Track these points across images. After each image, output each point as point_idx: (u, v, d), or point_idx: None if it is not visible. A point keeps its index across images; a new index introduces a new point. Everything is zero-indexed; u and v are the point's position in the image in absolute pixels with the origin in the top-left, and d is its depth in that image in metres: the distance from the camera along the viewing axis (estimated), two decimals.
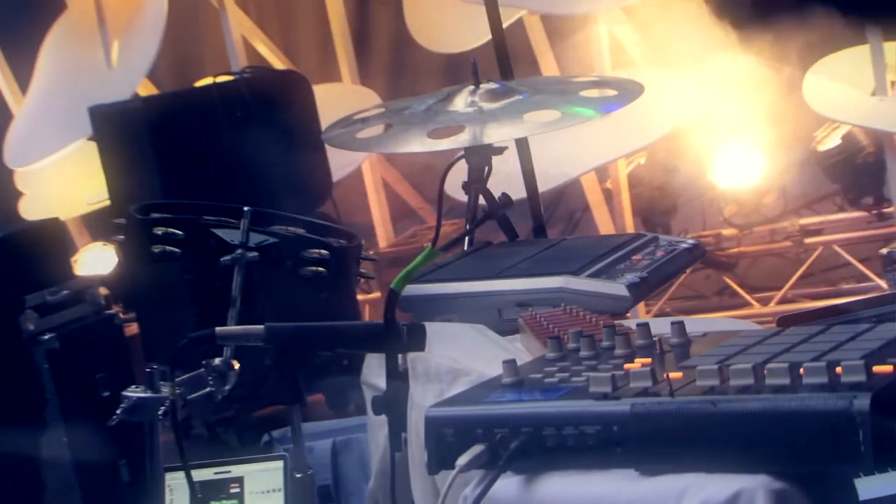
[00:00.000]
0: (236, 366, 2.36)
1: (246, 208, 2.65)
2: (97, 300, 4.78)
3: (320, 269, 2.63)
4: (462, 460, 1.73)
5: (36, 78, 6.40)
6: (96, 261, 5.77)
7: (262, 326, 2.19)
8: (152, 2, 6.17)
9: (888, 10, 4.48)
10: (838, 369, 1.62)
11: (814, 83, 5.05)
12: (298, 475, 2.53)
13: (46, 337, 4.45)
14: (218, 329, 2.24)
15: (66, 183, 6.25)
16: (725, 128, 5.36)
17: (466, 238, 3.10)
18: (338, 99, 5.80)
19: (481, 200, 3.28)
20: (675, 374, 1.72)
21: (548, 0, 5.61)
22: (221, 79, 5.05)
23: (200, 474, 3.52)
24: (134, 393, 2.34)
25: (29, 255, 4.58)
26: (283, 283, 2.71)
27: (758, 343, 1.81)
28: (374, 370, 2.36)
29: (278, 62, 6.36)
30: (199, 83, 5.28)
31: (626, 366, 1.77)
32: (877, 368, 1.62)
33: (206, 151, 4.91)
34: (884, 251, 4.57)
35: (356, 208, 6.22)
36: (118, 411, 2.35)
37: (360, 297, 5.35)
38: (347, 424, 4.46)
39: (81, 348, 4.54)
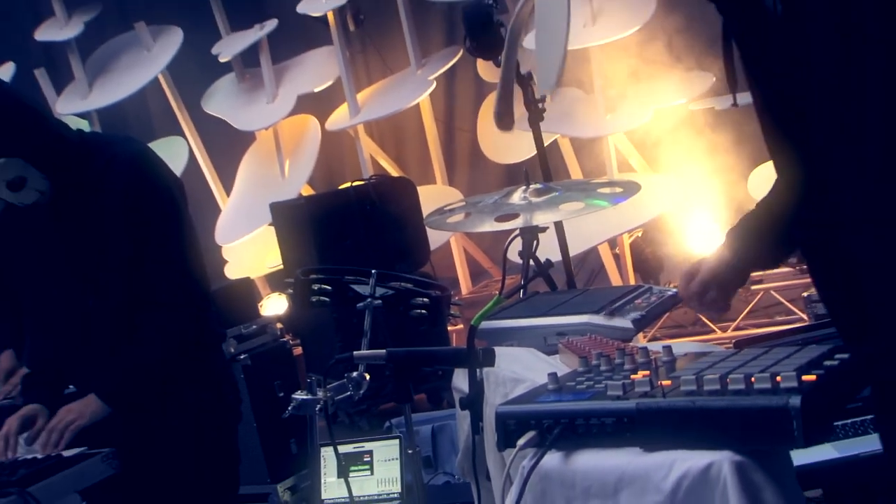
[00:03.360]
0: (367, 377, 2.35)
1: (373, 271, 2.65)
2: (275, 332, 4.82)
3: (423, 311, 2.61)
4: (521, 441, 1.71)
5: (236, 185, 6.52)
6: (274, 306, 5.81)
7: (384, 350, 2.18)
8: (311, 134, 6.27)
9: None
10: (778, 378, 1.59)
11: (754, 179, 5.01)
12: (410, 451, 2.51)
13: (242, 357, 4.49)
14: (355, 353, 2.23)
15: (255, 254, 6.33)
16: (695, 211, 5.33)
17: (522, 289, 3.09)
18: (433, 195, 5.83)
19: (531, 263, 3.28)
20: (666, 382, 1.69)
21: (574, 127, 5.60)
22: (356, 183, 5.09)
23: (344, 448, 3.53)
24: (299, 395, 2.33)
25: (231, 302, 4.64)
26: (397, 321, 2.69)
27: (722, 360, 1.77)
28: (460, 379, 2.34)
29: (394, 171, 6.41)
30: (341, 187, 5.33)
31: (633, 376, 1.74)
32: (805, 377, 1.59)
33: (346, 232, 4.95)
34: (805, 294, 4.49)
35: (446, 268, 6.23)
36: (289, 408, 2.34)
37: (449, 328, 5.35)
38: (442, 415, 4.43)
39: (265, 364, 4.58)
